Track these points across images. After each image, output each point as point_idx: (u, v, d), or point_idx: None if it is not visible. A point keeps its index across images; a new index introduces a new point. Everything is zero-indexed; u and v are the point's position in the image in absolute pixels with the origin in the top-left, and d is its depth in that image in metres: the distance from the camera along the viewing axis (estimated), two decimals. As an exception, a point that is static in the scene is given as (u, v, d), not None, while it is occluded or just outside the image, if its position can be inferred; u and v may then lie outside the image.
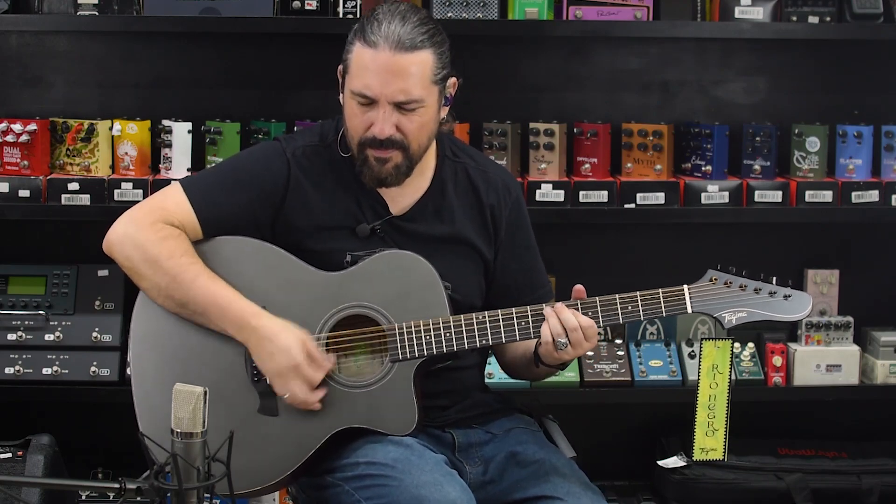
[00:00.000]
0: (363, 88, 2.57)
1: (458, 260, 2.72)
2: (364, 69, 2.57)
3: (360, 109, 2.60)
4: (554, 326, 2.53)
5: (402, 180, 2.66)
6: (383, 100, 2.57)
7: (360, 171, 2.65)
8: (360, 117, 2.60)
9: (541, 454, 2.67)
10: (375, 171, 2.63)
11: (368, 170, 2.63)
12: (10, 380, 3.49)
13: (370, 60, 2.56)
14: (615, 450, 3.86)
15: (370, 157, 2.62)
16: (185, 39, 3.70)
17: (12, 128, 3.48)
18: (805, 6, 3.60)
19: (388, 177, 2.63)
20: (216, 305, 2.58)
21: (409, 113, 2.59)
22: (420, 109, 2.60)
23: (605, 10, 3.53)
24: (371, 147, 2.61)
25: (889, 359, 3.71)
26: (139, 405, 2.64)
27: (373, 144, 2.60)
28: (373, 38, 2.55)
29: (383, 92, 2.56)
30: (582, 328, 2.53)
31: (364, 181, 2.66)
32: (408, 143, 2.61)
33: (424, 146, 2.66)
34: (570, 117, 3.70)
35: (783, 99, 3.84)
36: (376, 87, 2.56)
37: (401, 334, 2.58)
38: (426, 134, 2.64)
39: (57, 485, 3.22)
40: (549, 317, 2.54)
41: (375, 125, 2.58)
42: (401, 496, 2.44)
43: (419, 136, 2.62)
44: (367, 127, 2.60)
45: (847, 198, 3.62)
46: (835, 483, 3.67)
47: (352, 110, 2.62)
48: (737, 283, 2.57)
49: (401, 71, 2.56)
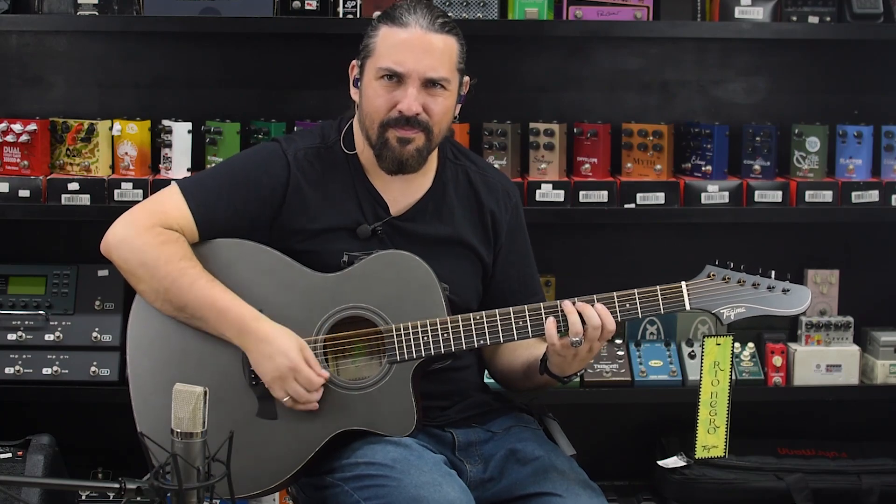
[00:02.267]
0: (393, 64, 2.58)
1: (456, 261, 2.72)
2: (394, 46, 2.58)
3: (386, 89, 2.59)
4: (574, 324, 2.51)
5: (421, 165, 2.65)
6: (414, 76, 2.58)
7: (378, 155, 2.64)
8: (385, 97, 2.60)
9: (540, 452, 2.67)
10: (397, 153, 2.62)
11: (389, 152, 2.62)
12: (10, 380, 3.49)
13: (402, 38, 2.58)
14: (615, 450, 3.86)
15: (391, 138, 2.61)
16: (185, 39, 3.70)
17: (12, 128, 3.48)
18: (805, 6, 3.60)
19: (410, 158, 2.63)
20: (214, 309, 2.58)
21: (435, 94, 2.60)
22: (445, 92, 2.61)
23: (605, 10, 3.53)
24: (395, 126, 2.60)
25: (889, 359, 3.71)
26: (137, 408, 2.64)
27: (398, 123, 2.60)
28: (402, 19, 2.59)
29: (415, 68, 2.57)
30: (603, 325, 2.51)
31: (383, 166, 2.65)
32: (431, 124, 2.61)
33: (443, 133, 2.67)
34: (570, 117, 3.70)
35: (783, 99, 3.84)
36: (409, 63, 2.57)
37: (398, 335, 2.58)
38: (446, 121, 2.66)
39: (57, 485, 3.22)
40: (570, 314, 2.51)
41: (403, 102, 2.58)
42: (400, 496, 2.44)
43: (441, 121, 2.64)
44: (392, 106, 2.60)
45: (847, 198, 3.62)
46: (835, 483, 3.67)
47: (375, 91, 2.61)
48: (735, 278, 2.56)
49: (432, 48, 2.58)
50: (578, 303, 2.53)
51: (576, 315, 2.51)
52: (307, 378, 2.55)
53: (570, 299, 2.55)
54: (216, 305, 2.58)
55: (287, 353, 2.55)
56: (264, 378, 2.58)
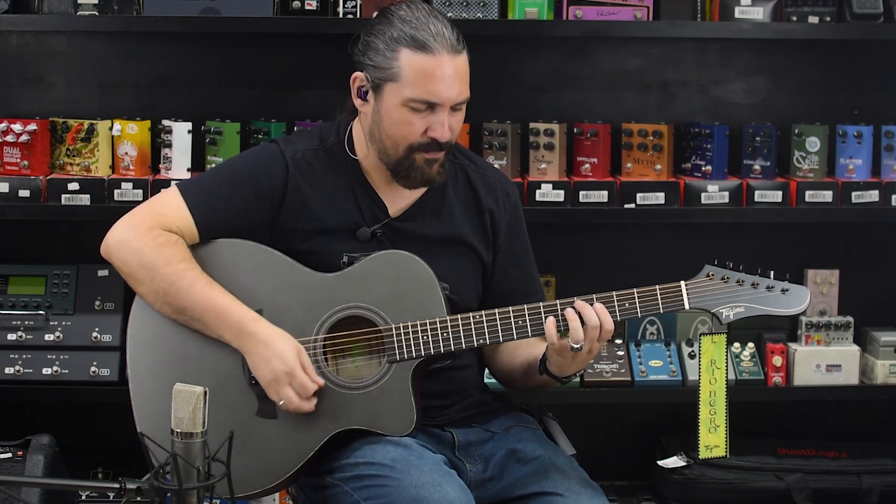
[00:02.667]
0: (428, 96, 2.56)
1: (456, 260, 2.72)
2: (427, 77, 2.55)
3: (417, 116, 2.58)
4: (575, 331, 2.51)
5: (445, 176, 2.68)
6: (447, 104, 2.58)
7: (403, 175, 2.64)
8: (417, 123, 2.59)
9: (541, 451, 2.67)
10: (426, 174, 2.63)
11: (417, 173, 2.63)
12: (10, 380, 3.48)
13: (432, 66, 2.55)
14: (615, 450, 3.86)
15: (418, 160, 2.62)
16: (185, 39, 3.69)
17: (12, 128, 3.48)
18: (805, 6, 3.59)
19: (437, 175, 2.65)
20: (213, 311, 2.58)
21: (457, 114, 2.62)
22: (463, 107, 2.63)
23: (605, 10, 3.53)
24: (423, 151, 2.61)
25: (889, 359, 3.71)
26: (137, 408, 2.64)
27: (429, 148, 2.60)
28: (428, 45, 2.55)
29: (449, 97, 2.57)
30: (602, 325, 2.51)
31: (406, 184, 2.66)
32: (454, 141, 2.65)
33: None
34: (570, 117, 3.70)
35: (783, 99, 3.84)
36: (444, 94, 2.56)
37: (398, 335, 2.58)
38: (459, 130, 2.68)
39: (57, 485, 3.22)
40: (571, 320, 2.51)
41: (436, 130, 2.58)
42: (400, 496, 2.44)
43: (458, 133, 2.67)
44: (423, 131, 2.59)
45: (847, 198, 3.62)
46: (835, 483, 3.67)
47: (404, 117, 2.59)
48: (734, 277, 2.57)
49: (460, 74, 2.58)
50: (577, 303, 2.53)
51: (577, 321, 2.51)
52: (301, 384, 2.55)
53: (568, 300, 2.55)
54: (214, 308, 2.58)
55: (284, 357, 2.55)
56: (261, 381, 2.58)
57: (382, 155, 2.65)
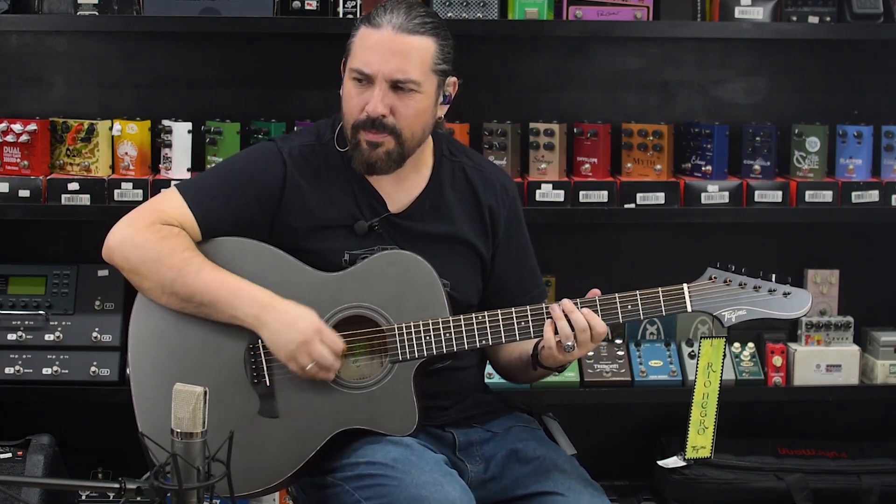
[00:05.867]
0: (361, 65, 2.59)
1: (456, 258, 2.72)
2: (364, 48, 2.59)
3: (357, 90, 2.60)
4: (563, 329, 2.52)
5: (392, 168, 2.65)
6: (380, 77, 2.58)
7: (350, 156, 2.65)
8: (356, 98, 2.61)
9: (541, 451, 2.67)
10: (365, 156, 2.62)
11: (359, 154, 2.63)
12: (10, 380, 3.49)
13: (372, 39, 2.59)
14: (615, 450, 3.86)
15: (362, 140, 2.62)
16: (185, 39, 3.69)
17: (12, 128, 3.48)
18: (805, 6, 3.60)
19: (378, 161, 2.62)
20: (224, 290, 2.57)
21: (404, 96, 2.59)
22: (416, 95, 2.60)
23: (605, 10, 3.53)
24: (364, 129, 2.61)
25: (889, 359, 3.71)
26: (139, 407, 2.64)
27: (366, 125, 2.60)
28: (377, 20, 2.59)
29: (381, 69, 2.57)
30: (591, 327, 2.52)
31: (354, 167, 2.66)
32: (400, 128, 2.61)
33: (418, 137, 2.65)
34: (570, 117, 3.70)
35: (783, 99, 3.84)
36: (375, 64, 2.58)
37: (400, 335, 2.58)
38: (420, 124, 2.64)
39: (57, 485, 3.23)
40: (557, 319, 2.53)
41: (370, 103, 2.59)
42: (401, 496, 2.44)
43: (412, 124, 2.62)
44: (362, 108, 2.60)
45: (847, 198, 3.62)
46: (835, 483, 3.67)
47: (349, 91, 2.63)
48: (736, 280, 2.57)
49: (400, 50, 2.58)
50: (565, 306, 2.54)
51: (564, 320, 2.53)
52: (331, 338, 2.55)
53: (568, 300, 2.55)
54: (226, 287, 2.57)
55: (309, 318, 2.55)
56: (287, 348, 2.54)
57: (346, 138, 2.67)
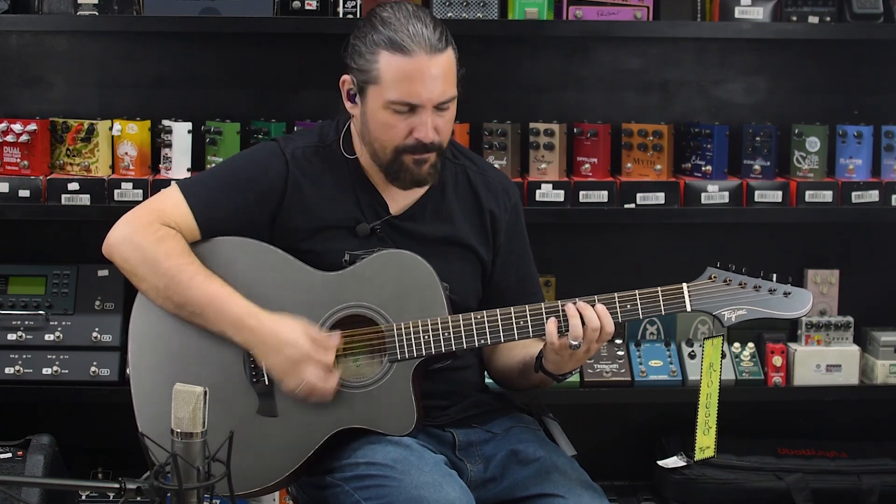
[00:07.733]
0: (407, 97, 2.55)
1: (456, 261, 2.72)
2: (404, 78, 2.54)
3: (400, 118, 2.57)
4: (575, 327, 2.51)
5: (437, 178, 2.67)
6: (429, 105, 2.56)
7: (394, 176, 2.63)
8: (400, 126, 2.58)
9: (541, 452, 2.67)
10: (415, 174, 2.62)
11: (406, 174, 2.62)
12: (10, 380, 3.49)
13: (410, 68, 2.54)
14: (615, 450, 3.86)
15: (407, 161, 2.61)
16: (185, 39, 3.70)
17: (12, 128, 3.48)
18: (805, 6, 3.60)
19: (428, 176, 2.63)
20: (212, 306, 2.57)
21: (443, 113, 2.60)
22: (451, 106, 2.61)
23: (605, 10, 3.53)
24: (410, 152, 2.60)
25: (889, 359, 3.71)
26: (138, 407, 2.64)
27: (416, 150, 2.59)
28: (404, 45, 2.53)
29: (429, 97, 2.55)
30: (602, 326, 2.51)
31: (399, 185, 2.65)
32: (441, 141, 2.62)
33: (448, 141, 2.68)
34: (570, 117, 3.70)
35: (783, 99, 3.84)
36: (423, 94, 2.55)
37: (399, 334, 2.58)
38: (451, 129, 2.67)
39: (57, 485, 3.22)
40: (571, 317, 2.51)
41: (420, 131, 2.57)
42: (400, 496, 2.44)
43: (448, 133, 2.65)
44: (408, 133, 2.58)
45: (847, 198, 3.62)
46: (835, 483, 3.67)
47: (387, 120, 2.58)
48: (736, 280, 2.56)
49: (441, 73, 2.56)
50: (579, 303, 2.53)
51: (577, 318, 2.51)
52: (320, 360, 2.54)
53: (570, 300, 2.55)
54: (213, 302, 2.57)
55: (295, 342, 2.54)
56: (273, 372, 2.57)
57: (374, 157, 2.66)
